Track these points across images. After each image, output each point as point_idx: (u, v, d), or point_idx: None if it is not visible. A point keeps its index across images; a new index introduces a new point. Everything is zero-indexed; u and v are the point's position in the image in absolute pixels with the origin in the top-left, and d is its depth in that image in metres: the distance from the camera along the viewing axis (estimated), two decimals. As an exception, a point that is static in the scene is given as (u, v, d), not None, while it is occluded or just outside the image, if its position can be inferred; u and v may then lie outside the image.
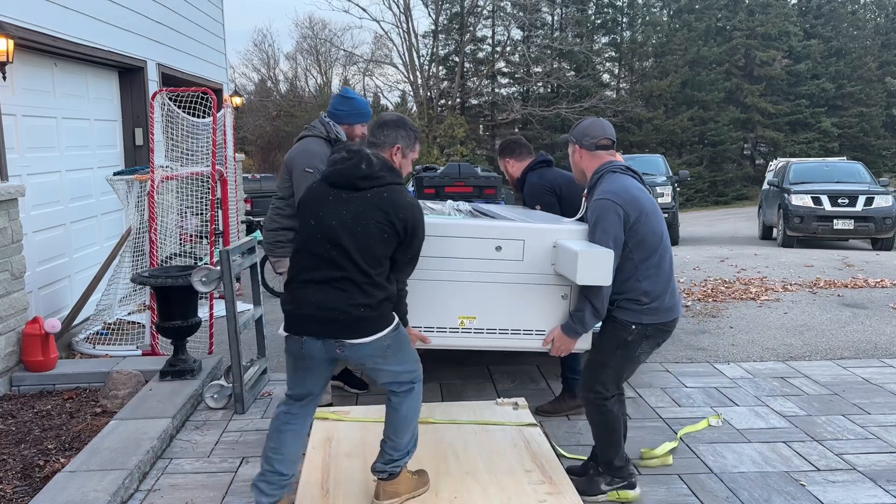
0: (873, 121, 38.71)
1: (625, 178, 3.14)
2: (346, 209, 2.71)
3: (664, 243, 3.11)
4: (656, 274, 3.07)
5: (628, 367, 3.22)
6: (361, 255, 2.68)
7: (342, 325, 2.69)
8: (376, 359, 2.79)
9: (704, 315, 6.66)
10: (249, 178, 21.09)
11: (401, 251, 2.77)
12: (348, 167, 2.76)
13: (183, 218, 6.59)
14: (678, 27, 38.47)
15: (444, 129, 30.76)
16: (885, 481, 3.43)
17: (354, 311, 2.68)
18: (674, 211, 13.72)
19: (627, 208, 3.01)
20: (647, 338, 3.11)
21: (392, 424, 2.91)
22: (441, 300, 3.25)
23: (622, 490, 3.25)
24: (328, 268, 2.70)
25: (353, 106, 4.03)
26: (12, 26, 5.12)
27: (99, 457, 3.54)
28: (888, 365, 5.21)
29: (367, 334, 2.71)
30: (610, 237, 2.99)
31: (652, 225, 3.06)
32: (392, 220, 2.70)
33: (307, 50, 40.34)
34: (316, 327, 2.71)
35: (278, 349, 5.77)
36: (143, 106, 7.42)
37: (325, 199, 2.76)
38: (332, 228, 2.70)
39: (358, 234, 2.68)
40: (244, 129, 33.70)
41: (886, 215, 12.35)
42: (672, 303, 3.13)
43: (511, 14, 35.40)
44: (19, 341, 4.84)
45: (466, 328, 3.30)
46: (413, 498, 3.01)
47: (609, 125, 3.29)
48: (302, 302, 2.74)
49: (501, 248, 3.24)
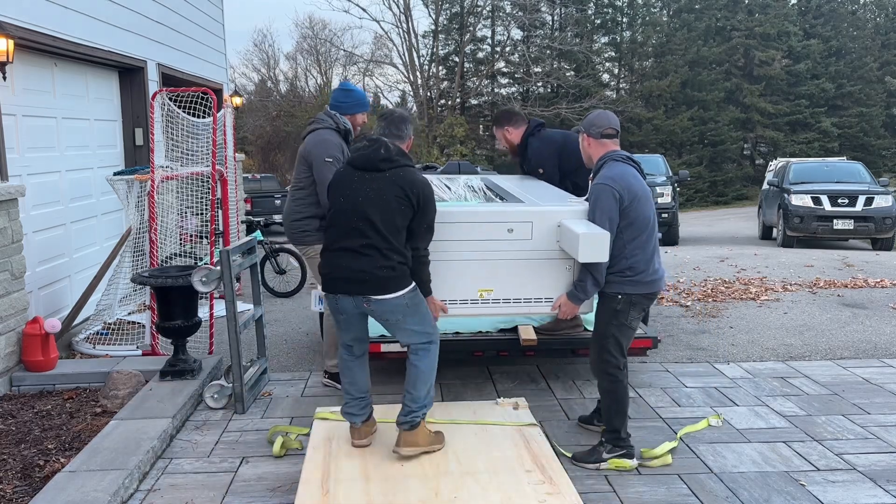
0: (873, 121, 38.71)
1: (624, 166, 3.55)
2: (370, 187, 3.29)
3: (651, 227, 3.52)
4: (641, 253, 3.49)
5: (625, 335, 3.58)
6: (384, 224, 3.24)
7: (368, 284, 3.26)
8: (397, 315, 3.33)
9: (704, 315, 6.66)
10: (249, 178, 21.09)
11: (416, 221, 3.32)
12: (370, 152, 3.35)
13: (183, 218, 6.59)
14: (678, 27, 38.47)
15: (444, 129, 30.76)
16: (885, 481, 3.44)
17: (378, 272, 3.24)
18: (674, 211, 13.71)
19: (623, 193, 3.43)
20: (632, 305, 3.53)
21: (411, 379, 3.40)
22: (463, 276, 3.74)
23: (620, 459, 3.55)
24: (356, 236, 3.27)
25: (354, 97, 4.42)
26: (12, 26, 5.12)
27: (99, 457, 3.54)
28: (888, 365, 5.21)
29: (388, 291, 3.27)
30: (606, 217, 3.43)
31: (643, 210, 3.47)
32: (408, 195, 3.27)
33: (307, 50, 40.35)
34: (347, 286, 3.31)
35: (278, 349, 5.78)
36: (144, 106, 7.42)
37: (351, 180, 3.35)
38: (359, 203, 3.27)
39: (381, 207, 3.25)
40: (244, 129, 33.68)
41: (886, 215, 12.35)
42: (653, 278, 3.54)
43: (511, 14, 35.41)
44: (19, 341, 4.84)
45: (485, 299, 3.81)
46: (428, 452, 3.46)
47: (614, 117, 3.71)
48: (335, 267, 3.33)
49: (513, 230, 3.72)
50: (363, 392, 3.57)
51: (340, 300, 3.36)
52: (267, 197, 18.67)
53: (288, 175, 36.64)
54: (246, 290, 7.64)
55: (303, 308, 7.21)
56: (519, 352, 4.65)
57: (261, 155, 36.32)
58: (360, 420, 3.57)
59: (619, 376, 3.57)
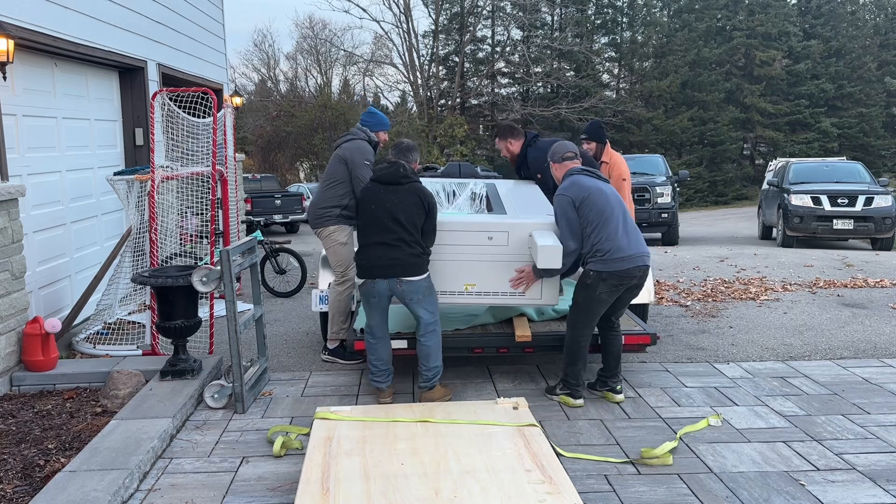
0: (873, 121, 38.71)
1: (578, 176, 4.41)
2: (395, 196, 4.29)
3: (605, 215, 4.23)
4: (605, 238, 4.22)
5: (594, 308, 4.32)
6: (408, 223, 4.23)
7: (399, 268, 4.22)
8: (420, 295, 4.27)
9: (704, 315, 6.66)
10: (249, 178, 21.08)
11: (427, 223, 4.31)
12: (392, 171, 4.38)
13: (183, 218, 6.59)
14: (678, 27, 38.47)
15: (444, 129, 30.75)
16: (884, 481, 3.44)
17: (407, 259, 4.22)
18: (673, 211, 13.70)
19: (574, 196, 4.28)
20: (602, 281, 4.23)
21: (424, 355, 4.39)
22: (452, 273, 4.57)
23: (566, 396, 4.46)
24: (388, 233, 4.24)
25: (377, 119, 5.46)
26: (12, 26, 5.13)
27: (99, 456, 3.54)
28: (888, 365, 5.21)
29: (416, 274, 4.25)
30: (565, 219, 4.28)
31: (596, 205, 4.25)
32: (422, 201, 4.29)
33: (307, 50, 40.34)
34: (383, 271, 4.23)
35: (278, 349, 5.78)
36: (144, 106, 7.42)
37: (378, 192, 4.35)
38: (388, 209, 4.25)
39: (405, 210, 4.24)
40: (244, 129, 33.68)
41: (886, 215, 12.35)
42: (618, 256, 4.21)
43: (511, 14, 35.40)
44: (20, 341, 4.84)
45: (469, 292, 4.62)
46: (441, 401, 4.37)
47: (571, 144, 4.68)
48: (372, 257, 4.26)
49: (492, 237, 4.55)
50: (387, 364, 4.48)
51: (377, 283, 4.25)
52: (267, 197, 18.66)
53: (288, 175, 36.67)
54: (246, 290, 7.64)
55: (303, 308, 7.22)
56: (518, 348, 4.70)
57: (261, 155, 36.31)
58: (385, 385, 4.50)
59: (577, 338, 4.39)
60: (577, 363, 4.41)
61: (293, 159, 37.45)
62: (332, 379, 5.02)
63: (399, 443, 3.64)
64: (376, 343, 4.46)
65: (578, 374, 4.42)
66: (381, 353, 4.47)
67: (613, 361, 4.53)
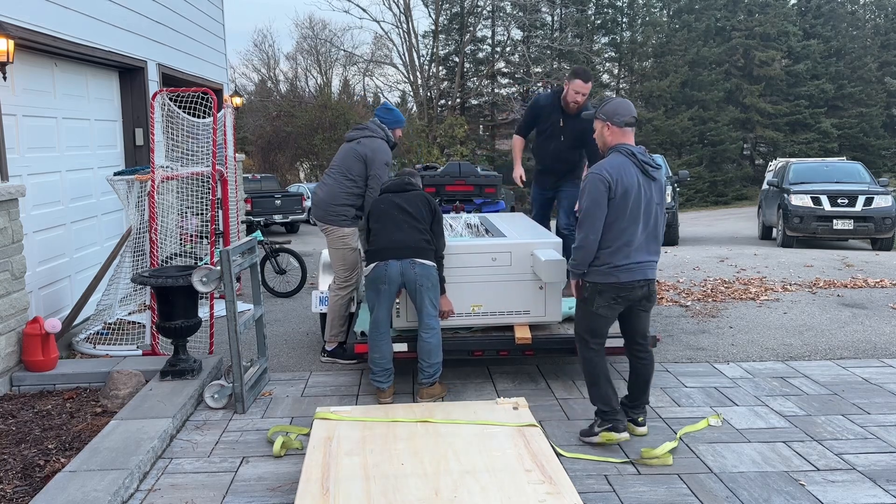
0: (873, 121, 38.73)
1: (629, 162, 3.72)
2: (404, 199, 4.58)
3: (631, 231, 3.70)
4: (612, 246, 3.71)
5: (594, 323, 3.85)
6: (417, 215, 4.48)
7: (411, 250, 4.37)
8: (429, 282, 4.37)
9: (704, 315, 6.66)
10: (250, 178, 21.09)
11: (435, 224, 4.53)
12: (400, 181, 4.71)
13: (183, 218, 6.59)
14: (678, 27, 38.49)
15: (444, 129, 30.73)
16: (884, 481, 3.44)
17: (418, 243, 4.40)
18: (673, 211, 13.69)
19: (614, 185, 3.65)
20: (599, 293, 3.78)
21: (426, 352, 4.43)
22: (459, 295, 4.66)
23: (607, 433, 3.80)
24: (400, 222, 4.47)
25: (394, 116, 5.41)
26: (12, 26, 5.12)
27: (99, 457, 3.54)
28: (888, 365, 5.21)
29: (428, 258, 4.40)
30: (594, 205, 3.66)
31: (630, 210, 3.68)
32: (428, 203, 4.59)
33: (307, 50, 40.34)
34: (396, 252, 4.37)
35: (278, 349, 5.78)
36: (144, 106, 7.42)
37: (390, 198, 4.62)
38: (398, 204, 4.53)
39: (413, 206, 4.53)
40: (244, 130, 33.67)
41: (886, 215, 12.34)
42: (618, 265, 3.71)
43: (511, 14, 35.39)
44: (19, 341, 4.84)
45: (476, 312, 4.73)
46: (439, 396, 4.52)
47: (631, 104, 3.89)
48: (386, 241, 4.43)
49: (496, 258, 4.68)
50: (388, 362, 4.49)
51: (389, 266, 4.34)
52: (267, 197, 18.66)
53: (288, 175, 36.65)
54: (246, 290, 7.64)
55: (303, 308, 7.22)
56: (518, 351, 4.69)
57: (261, 155, 36.30)
58: (386, 385, 4.51)
59: (587, 354, 3.89)
60: (599, 383, 3.84)
61: (293, 159, 37.45)
62: (332, 379, 5.02)
63: (399, 443, 3.64)
64: (380, 338, 4.46)
65: (607, 397, 3.81)
66: (384, 350, 4.48)
67: (638, 391, 3.99)
